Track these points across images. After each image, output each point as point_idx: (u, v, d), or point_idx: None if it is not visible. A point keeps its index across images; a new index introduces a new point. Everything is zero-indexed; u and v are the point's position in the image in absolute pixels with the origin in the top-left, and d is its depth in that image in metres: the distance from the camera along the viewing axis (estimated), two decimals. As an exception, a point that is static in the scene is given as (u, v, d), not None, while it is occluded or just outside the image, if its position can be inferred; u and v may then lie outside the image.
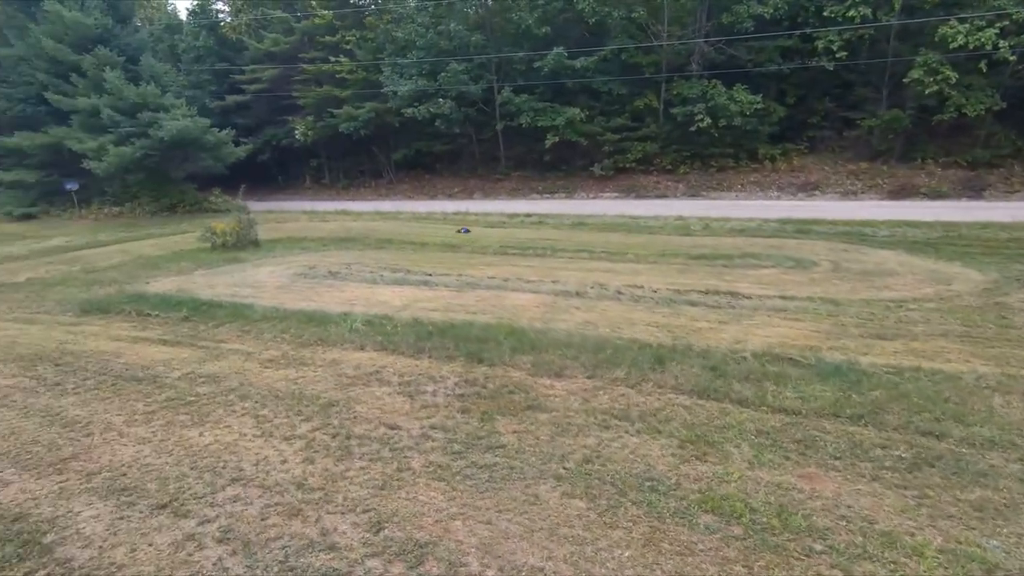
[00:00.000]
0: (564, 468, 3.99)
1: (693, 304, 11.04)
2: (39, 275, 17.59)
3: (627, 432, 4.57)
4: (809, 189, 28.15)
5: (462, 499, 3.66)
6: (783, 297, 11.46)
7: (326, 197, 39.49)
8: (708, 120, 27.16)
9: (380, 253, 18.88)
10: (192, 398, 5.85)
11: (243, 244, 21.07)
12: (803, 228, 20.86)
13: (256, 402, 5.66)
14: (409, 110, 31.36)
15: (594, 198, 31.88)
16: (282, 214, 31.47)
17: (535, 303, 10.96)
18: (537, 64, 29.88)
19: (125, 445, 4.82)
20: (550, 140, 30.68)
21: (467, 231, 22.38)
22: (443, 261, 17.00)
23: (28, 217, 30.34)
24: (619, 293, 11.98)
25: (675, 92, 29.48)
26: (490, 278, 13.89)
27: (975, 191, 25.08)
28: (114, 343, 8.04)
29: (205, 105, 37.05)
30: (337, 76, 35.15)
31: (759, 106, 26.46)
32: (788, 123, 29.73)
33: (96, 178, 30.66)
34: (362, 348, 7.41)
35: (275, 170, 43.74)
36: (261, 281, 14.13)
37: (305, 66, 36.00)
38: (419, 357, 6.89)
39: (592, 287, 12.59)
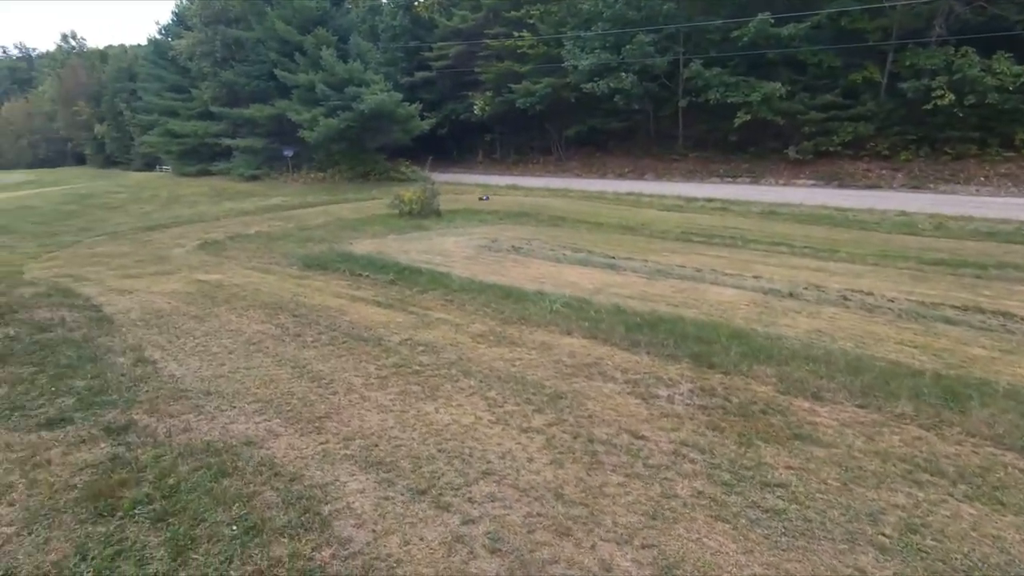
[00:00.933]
0: (882, 535, 3.10)
1: (951, 323, 8.97)
2: (265, 229, 20.16)
3: (951, 495, 3.49)
4: (1090, 186, 22.10)
5: (761, 555, 2.97)
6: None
7: (496, 172, 40.60)
8: (951, 96, 22.44)
9: (555, 230, 18.62)
10: (417, 367, 5.88)
11: (426, 213, 22.23)
12: (1083, 236, 16.32)
13: (480, 381, 5.50)
14: (588, 85, 30.55)
15: (785, 185, 28.42)
16: (458, 186, 32.87)
17: (744, 301, 9.73)
18: (735, 33, 27.09)
19: (369, 411, 4.91)
20: (740, 119, 27.87)
21: (487, 199, 21.77)
22: (621, 243, 16.21)
23: (254, 178, 35.44)
24: (844, 299, 10.22)
25: (906, 63, 24.80)
26: (679, 267, 12.80)
27: None
28: (336, 299, 8.63)
29: (396, 81, 39.85)
30: (518, 51, 35.45)
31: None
32: (1066, 101, 23.45)
33: (307, 146, 34.73)
34: (568, 333, 7.01)
35: (451, 144, 45.97)
36: (448, 250, 14.59)
37: (488, 41, 36.86)
38: (635, 352, 6.27)
39: (805, 288, 10.93)
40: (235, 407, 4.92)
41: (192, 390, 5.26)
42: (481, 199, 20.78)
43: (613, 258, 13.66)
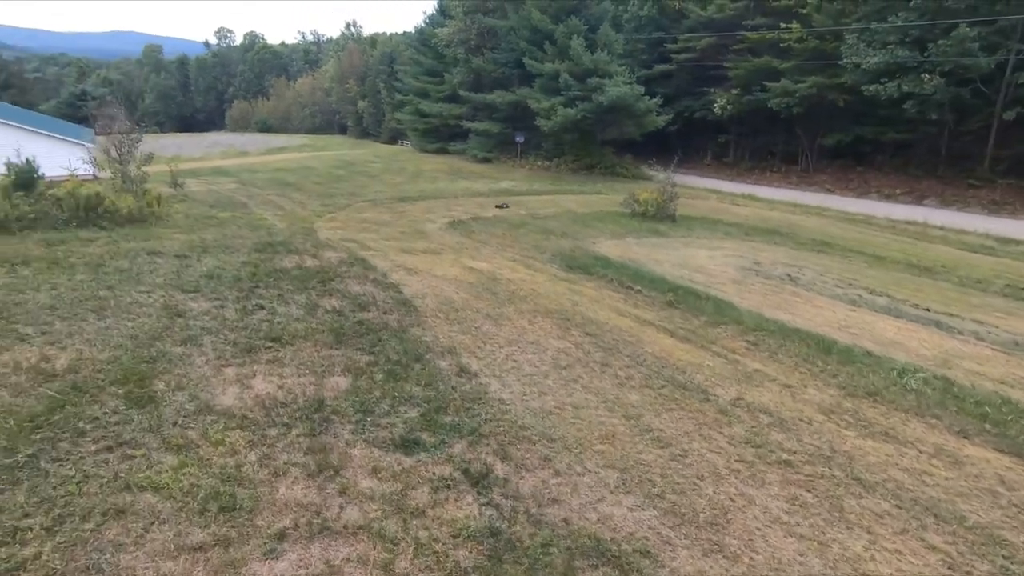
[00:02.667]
0: None
1: None
2: (501, 214, 20.52)
3: None
4: None
5: None
6: None
7: (726, 177, 37.16)
8: None
9: (824, 259, 15.71)
10: (784, 455, 4.45)
11: (661, 216, 20.71)
12: None
13: (895, 506, 3.94)
14: (872, 87, 25.71)
15: None
16: (685, 189, 30.48)
17: None
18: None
19: (769, 527, 3.68)
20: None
21: (506, 206, 17.83)
22: (922, 289, 12.90)
23: (486, 160, 37.29)
24: None
25: None
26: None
27: None
28: (620, 318, 7.72)
29: (633, 73, 38.50)
30: (781, 45, 31.44)
31: None
32: None
33: (537, 133, 35.40)
34: (964, 435, 5.05)
35: (677, 142, 43.31)
36: (705, 266, 12.93)
37: (746, 34, 33.37)
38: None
39: None
40: (588, 469, 4.15)
41: (530, 428, 4.70)
42: (499, 207, 18.57)
43: (928, 310, 10.73)
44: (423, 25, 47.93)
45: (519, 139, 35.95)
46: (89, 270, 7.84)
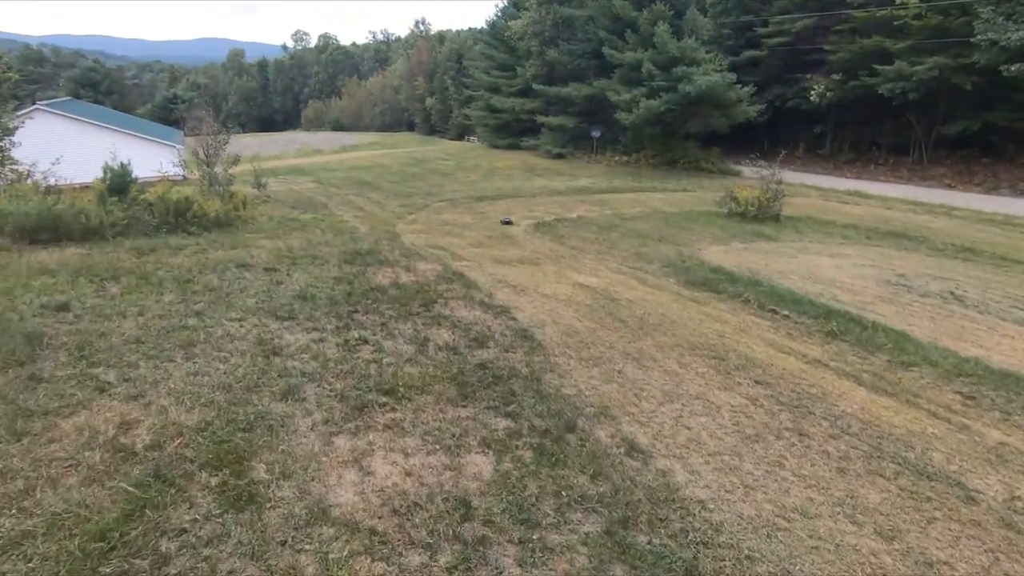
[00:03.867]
0: None
1: None
2: (585, 214, 19.22)
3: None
4: None
5: None
6: None
7: (822, 171, 34.04)
8: None
9: (974, 269, 13.38)
10: None
11: (764, 217, 18.78)
12: None
13: None
14: (1016, 66, 22.36)
15: None
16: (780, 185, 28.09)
17: None
18: None
19: None
20: None
21: (509, 221, 15.25)
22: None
23: (560, 156, 35.95)
24: None
25: None
26: None
27: None
28: (782, 357, 6.26)
29: (722, 61, 35.95)
30: (895, 23, 28.16)
31: None
32: None
33: (613, 128, 33.68)
34: None
35: (763, 134, 40.25)
36: (839, 279, 11.13)
37: (853, 12, 30.19)
38: None
39: None
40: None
41: (763, 559, 3.24)
42: (504, 222, 16.49)
43: None
44: (495, 18, 47.04)
45: (595, 134, 34.39)
46: (178, 287, 7.24)
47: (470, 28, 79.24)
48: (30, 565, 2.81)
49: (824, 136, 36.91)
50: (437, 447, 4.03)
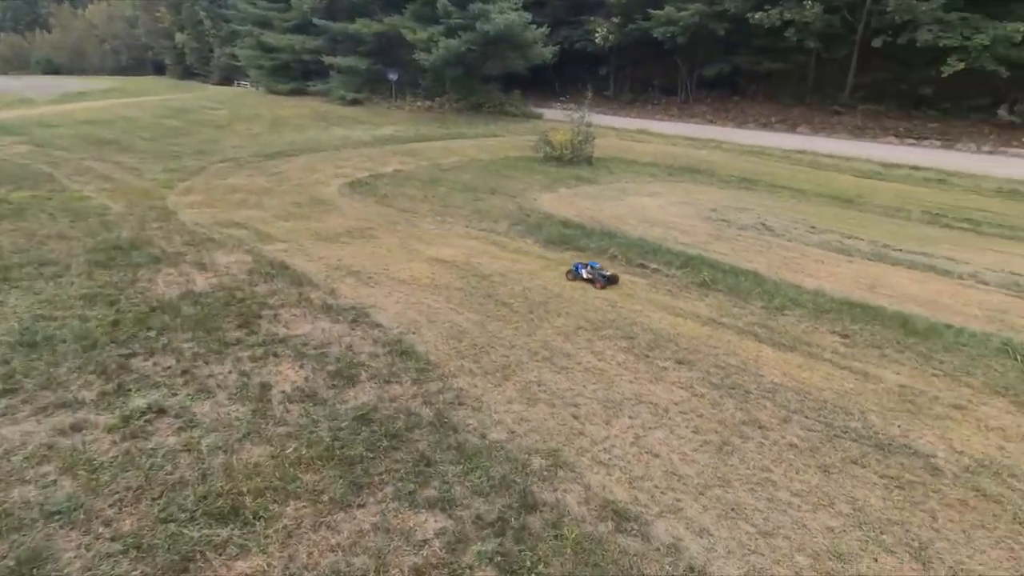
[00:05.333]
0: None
1: None
2: (401, 168, 17.51)
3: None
4: None
5: None
6: None
7: (609, 111, 36.40)
8: None
9: (760, 198, 15.16)
10: None
11: (578, 160, 19.14)
12: None
13: None
14: (757, 15, 25.67)
15: (991, 152, 23.52)
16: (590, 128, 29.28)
17: None
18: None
19: None
20: (950, 67, 22.82)
21: (610, 277, 17.87)
22: (865, 224, 12.74)
23: (355, 102, 32.51)
24: None
25: None
26: (1015, 274, 9.41)
27: None
28: (685, 323, 5.76)
29: (511, -1, 35.42)
30: (662, -31, 30.38)
31: None
32: None
33: (410, 70, 31.39)
34: None
35: (554, 76, 41.58)
36: (668, 220, 11.53)
37: (626, -44, 31.77)
38: None
39: None
40: None
41: None
42: (605, 278, 17.47)
43: (901, 250, 10.35)
44: (254, -64, 39.69)
45: (393, 77, 31.72)
46: None
47: (220, -52, 66.60)
48: None
49: (608, 78, 39.36)
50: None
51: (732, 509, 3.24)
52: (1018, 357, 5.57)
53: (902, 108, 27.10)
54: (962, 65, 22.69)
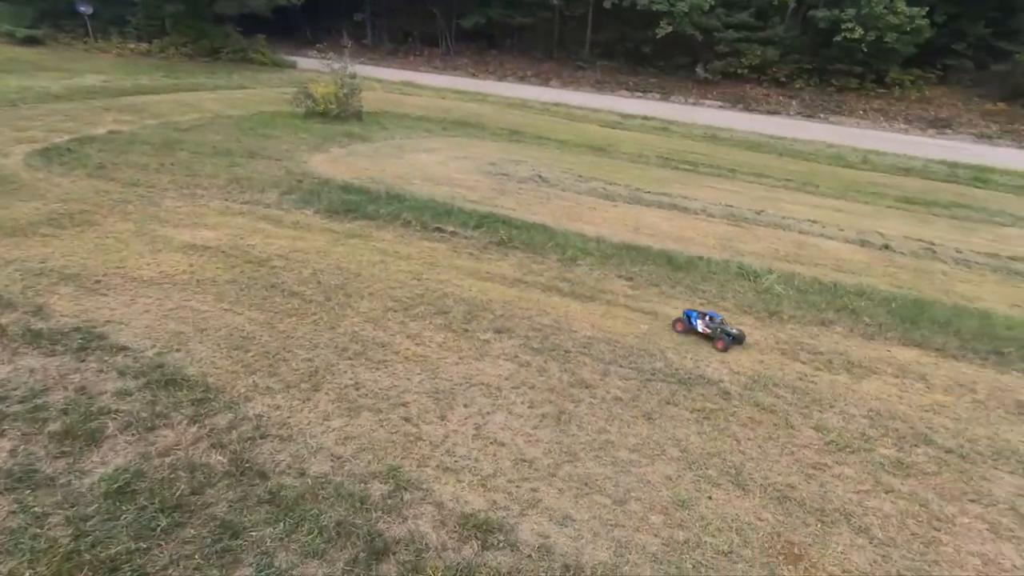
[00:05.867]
0: None
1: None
2: (116, 127, 14.12)
3: None
4: (940, 126, 25.88)
5: None
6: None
7: (370, 62, 34.46)
8: (860, 31, 23.84)
9: (528, 149, 15.97)
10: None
11: (346, 115, 17.72)
12: (979, 176, 18.95)
13: None
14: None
15: (695, 104, 28.63)
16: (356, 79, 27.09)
17: (861, 257, 9.00)
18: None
19: None
20: (662, 29, 26.73)
21: (733, 335, 19.80)
22: (618, 170, 14.43)
23: (33, 42, 24.82)
24: (942, 255, 10.09)
25: (820, -10, 25.67)
26: (728, 206, 11.62)
27: (1124, 152, 23.46)
28: (492, 286, 5.52)
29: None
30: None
31: (922, 22, 23.24)
32: (927, 46, 26.65)
33: (111, 3, 25.09)
34: (870, 337, 5.37)
35: (302, 21, 37.56)
36: (451, 176, 11.40)
37: None
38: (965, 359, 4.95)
39: (901, 242, 10.53)
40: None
41: None
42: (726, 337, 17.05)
43: (649, 192, 11.95)
44: None
45: (84, 9, 24.94)
46: None
47: None
48: None
49: (366, 26, 36.97)
50: None
51: (585, 484, 3.25)
52: (750, 278, 6.79)
53: (630, 64, 31.03)
54: (670, 28, 26.71)
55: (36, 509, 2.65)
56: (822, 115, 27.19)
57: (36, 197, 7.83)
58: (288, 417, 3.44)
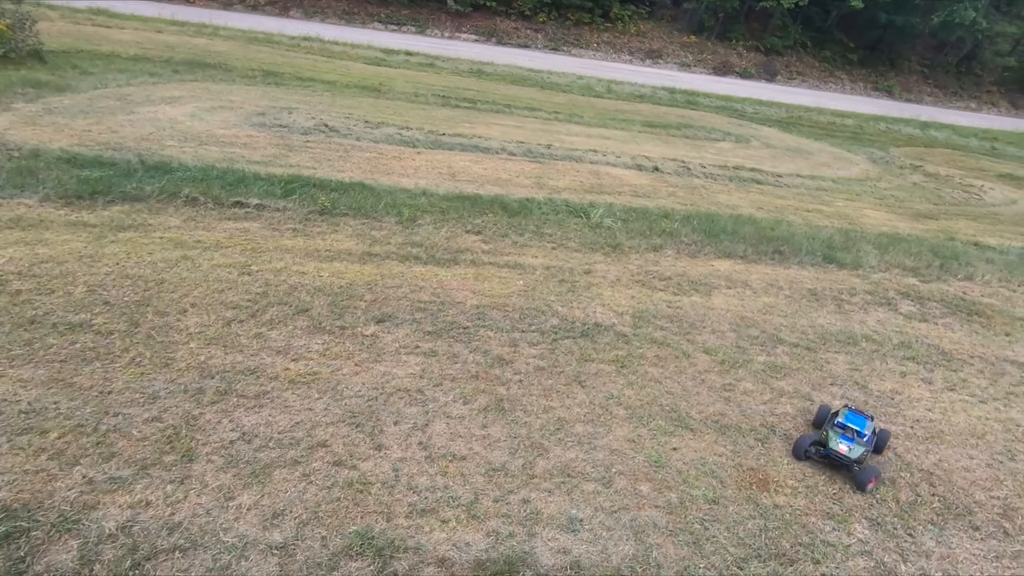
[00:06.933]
0: None
1: (757, 183, 11.83)
2: None
3: None
4: (654, 56, 30.25)
5: None
6: (802, 176, 13.13)
7: (26, -22, 25.75)
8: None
9: (294, 94, 13.93)
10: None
11: (20, 55, 13.19)
12: (691, 100, 22.86)
13: None
14: None
15: (451, 38, 28.27)
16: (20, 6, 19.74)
17: (646, 181, 10.23)
18: None
19: None
20: (409, -45, 25.35)
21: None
22: (403, 112, 13.71)
23: None
24: (694, 171, 11.91)
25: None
26: (521, 143, 11.99)
27: (770, 74, 30.71)
28: (338, 266, 4.47)
29: None
30: None
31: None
32: (637, -16, 30.44)
33: None
34: (694, 255, 6.05)
35: None
36: (211, 132, 9.34)
37: None
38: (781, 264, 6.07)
39: (663, 163, 12.08)
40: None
41: None
42: None
43: (444, 135, 11.60)
44: None
45: None
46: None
47: None
48: None
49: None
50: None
51: (567, 475, 3.02)
52: (581, 215, 7.10)
53: (379, -6, 28.96)
54: (416, -46, 25.37)
55: None
56: (565, 48, 29.40)
57: None
58: (171, 514, 2.36)
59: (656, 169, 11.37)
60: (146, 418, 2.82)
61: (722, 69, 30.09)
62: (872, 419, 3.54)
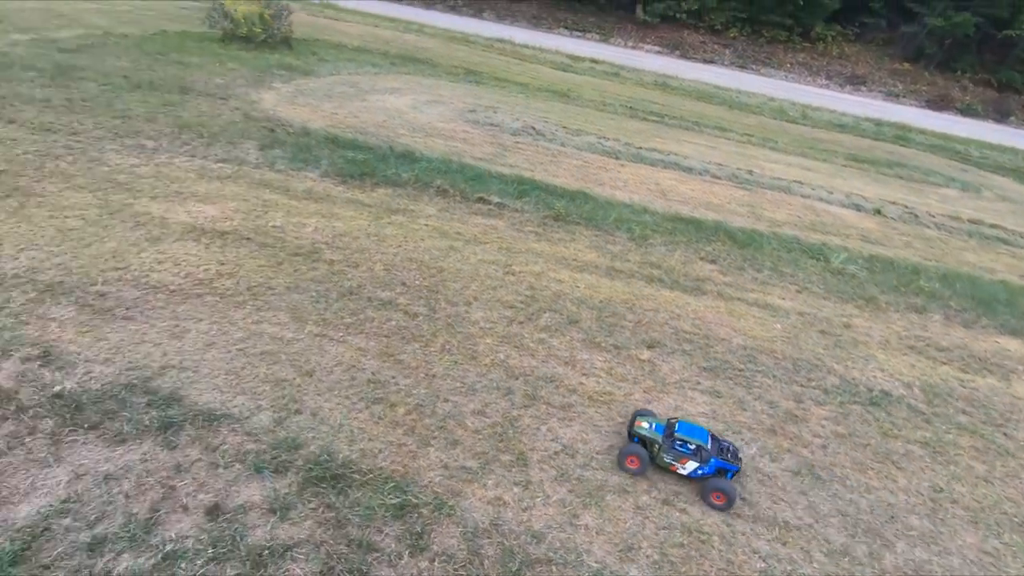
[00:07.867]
0: None
1: (1004, 242, 10.11)
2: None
3: None
4: (855, 82, 27.41)
5: None
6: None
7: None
8: (796, -20, 24.14)
9: (494, 94, 14.52)
10: None
11: (274, 41, 15.12)
12: (901, 135, 20.31)
13: None
14: None
15: (634, 48, 27.94)
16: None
17: (871, 224, 9.15)
18: None
19: None
20: (604, -35, 25.40)
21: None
22: (592, 120, 13.60)
23: None
24: (923, 219, 10.52)
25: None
26: (720, 165, 11.31)
27: (1002, 114, 26.38)
28: (584, 278, 4.62)
29: None
30: None
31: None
32: (848, 2, 27.72)
33: None
34: (968, 326, 5.24)
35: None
36: (431, 124, 9.99)
37: None
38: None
39: (884, 206, 10.82)
40: None
41: None
42: None
43: (642, 148, 11.31)
44: None
45: None
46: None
47: None
48: None
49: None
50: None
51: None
52: (819, 257, 6.49)
53: (567, 1, 29.45)
54: (613, -36, 25.38)
55: None
56: (753, 66, 27.71)
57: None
58: (527, 520, 2.38)
59: (878, 212, 10.19)
60: (472, 410, 2.96)
61: (939, 103, 26.41)
62: None
